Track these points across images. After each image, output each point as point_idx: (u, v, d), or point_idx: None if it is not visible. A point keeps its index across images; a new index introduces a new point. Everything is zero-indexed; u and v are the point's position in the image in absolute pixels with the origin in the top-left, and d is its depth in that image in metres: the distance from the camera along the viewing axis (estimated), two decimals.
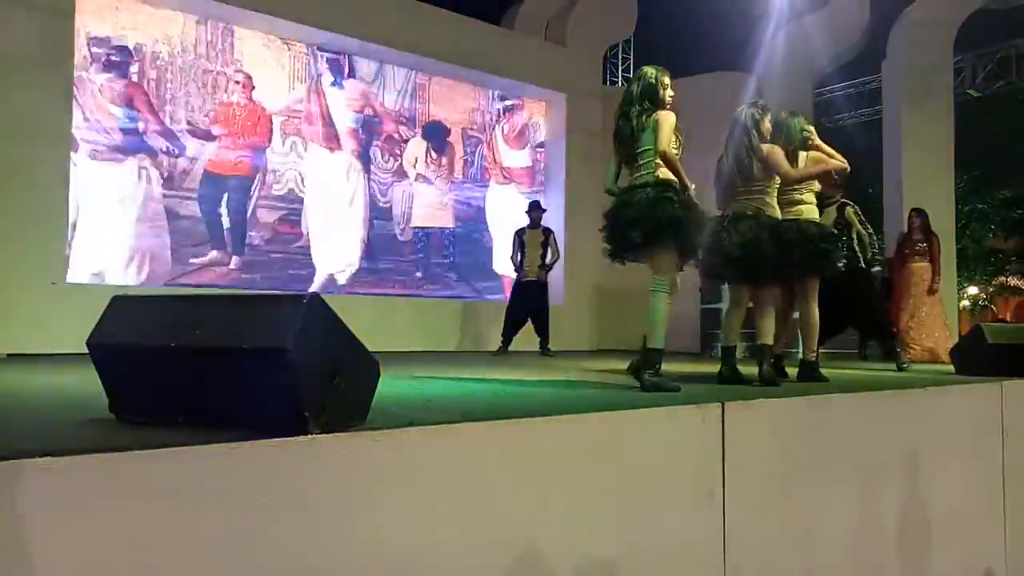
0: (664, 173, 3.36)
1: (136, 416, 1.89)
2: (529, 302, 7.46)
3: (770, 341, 3.94)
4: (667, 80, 3.51)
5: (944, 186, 9.40)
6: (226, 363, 1.72)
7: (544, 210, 7.83)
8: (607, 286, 9.39)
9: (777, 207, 4.00)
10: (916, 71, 9.34)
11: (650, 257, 3.39)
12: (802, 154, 4.32)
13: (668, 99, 3.49)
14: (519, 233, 7.66)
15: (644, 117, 3.42)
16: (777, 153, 3.98)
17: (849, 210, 5.89)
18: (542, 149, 10.00)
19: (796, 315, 4.43)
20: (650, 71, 3.51)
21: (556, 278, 9.49)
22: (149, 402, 1.88)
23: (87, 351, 1.92)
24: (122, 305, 1.95)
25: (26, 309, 6.03)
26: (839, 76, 12.12)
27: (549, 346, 7.44)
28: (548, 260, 7.56)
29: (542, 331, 7.45)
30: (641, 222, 3.29)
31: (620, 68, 14.72)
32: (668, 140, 3.34)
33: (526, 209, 7.88)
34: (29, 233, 6.15)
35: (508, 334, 7.41)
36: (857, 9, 9.71)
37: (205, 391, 1.78)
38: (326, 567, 1.66)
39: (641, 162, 3.42)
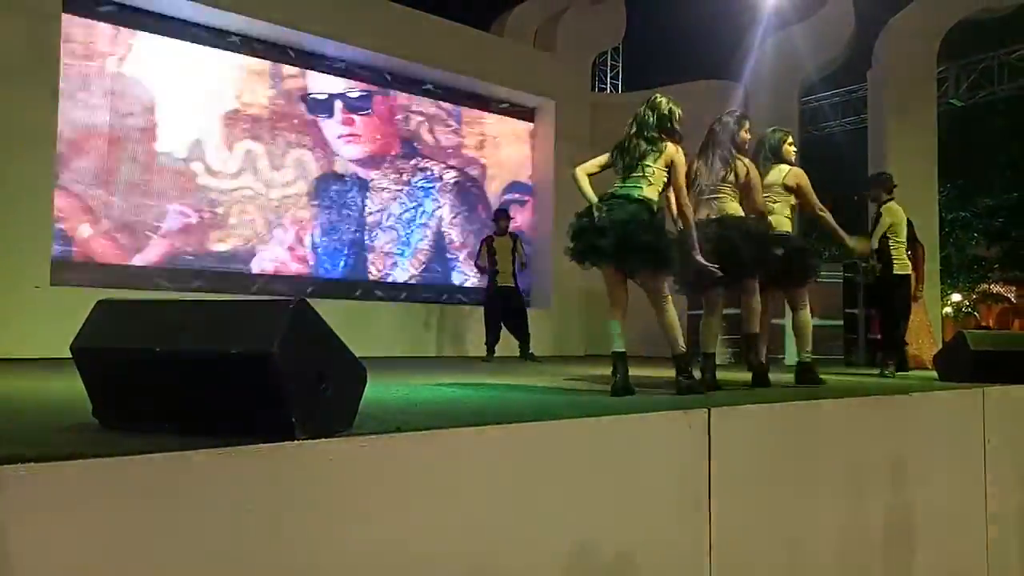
0: (647, 193, 3.45)
1: (120, 421, 1.87)
2: (507, 307, 7.53)
3: (713, 349, 3.98)
4: (679, 113, 3.61)
5: (928, 194, 9.49)
6: (212, 368, 1.72)
7: (512, 218, 7.91)
8: (594, 292, 9.36)
9: (741, 211, 4.03)
10: (901, 80, 9.44)
11: (645, 279, 3.46)
12: (784, 167, 4.36)
13: (678, 129, 3.60)
14: (487, 240, 7.71)
15: (656, 144, 3.52)
16: (755, 179, 4.04)
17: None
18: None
19: (777, 322, 4.47)
20: (665, 102, 3.60)
21: (543, 283, 9.54)
22: (134, 407, 1.87)
23: (71, 355, 1.91)
24: (106, 309, 1.94)
25: (10, 313, 5.97)
26: (825, 85, 12.22)
27: (532, 350, 7.51)
28: (517, 267, 7.62)
29: (522, 335, 7.52)
30: (613, 245, 3.34)
31: (609, 75, 14.78)
32: (683, 181, 3.56)
33: (493, 217, 7.94)
34: (13, 236, 6.09)
35: (491, 341, 7.48)
36: (843, 19, 9.81)
37: (190, 396, 1.77)
38: (313, 573, 1.65)
39: (633, 175, 3.52)
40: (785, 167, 4.37)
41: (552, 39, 10.19)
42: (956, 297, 20.35)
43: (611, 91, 14.40)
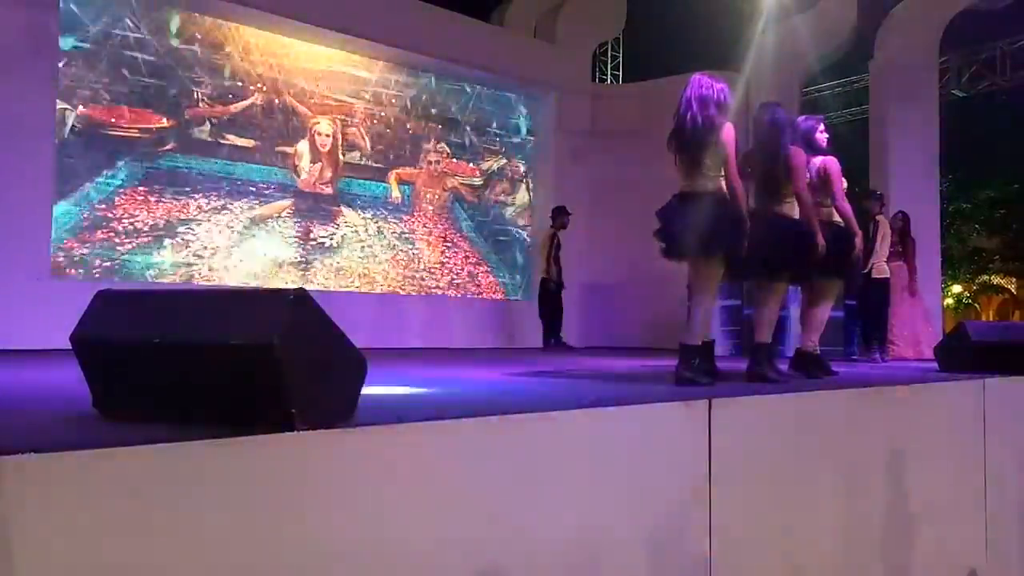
0: (721, 184, 3.49)
1: (120, 412, 1.87)
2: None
3: (768, 339, 3.84)
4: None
5: (930, 185, 9.47)
6: (212, 359, 1.71)
7: (557, 217, 8.49)
8: (594, 284, 9.40)
9: (792, 206, 3.89)
10: (902, 71, 9.40)
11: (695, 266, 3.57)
12: (817, 159, 4.24)
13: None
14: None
15: (713, 123, 3.49)
16: (800, 159, 3.88)
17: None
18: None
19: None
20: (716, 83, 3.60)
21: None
22: (133, 398, 1.87)
23: (71, 346, 1.90)
24: (106, 300, 1.94)
25: (10, 304, 5.97)
26: (827, 75, 12.15)
27: (554, 339, 8.07)
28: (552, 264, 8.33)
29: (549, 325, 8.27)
30: (698, 230, 3.42)
31: (609, 66, 14.70)
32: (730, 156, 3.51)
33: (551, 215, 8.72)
34: (12, 228, 6.09)
35: (544, 329, 8.15)
36: (845, 9, 9.76)
37: (190, 387, 1.77)
38: (312, 564, 1.65)
39: (701, 168, 3.50)
40: (818, 159, 4.25)
41: (552, 30, 10.15)
42: (957, 288, 20.34)
43: (611, 82, 14.34)
